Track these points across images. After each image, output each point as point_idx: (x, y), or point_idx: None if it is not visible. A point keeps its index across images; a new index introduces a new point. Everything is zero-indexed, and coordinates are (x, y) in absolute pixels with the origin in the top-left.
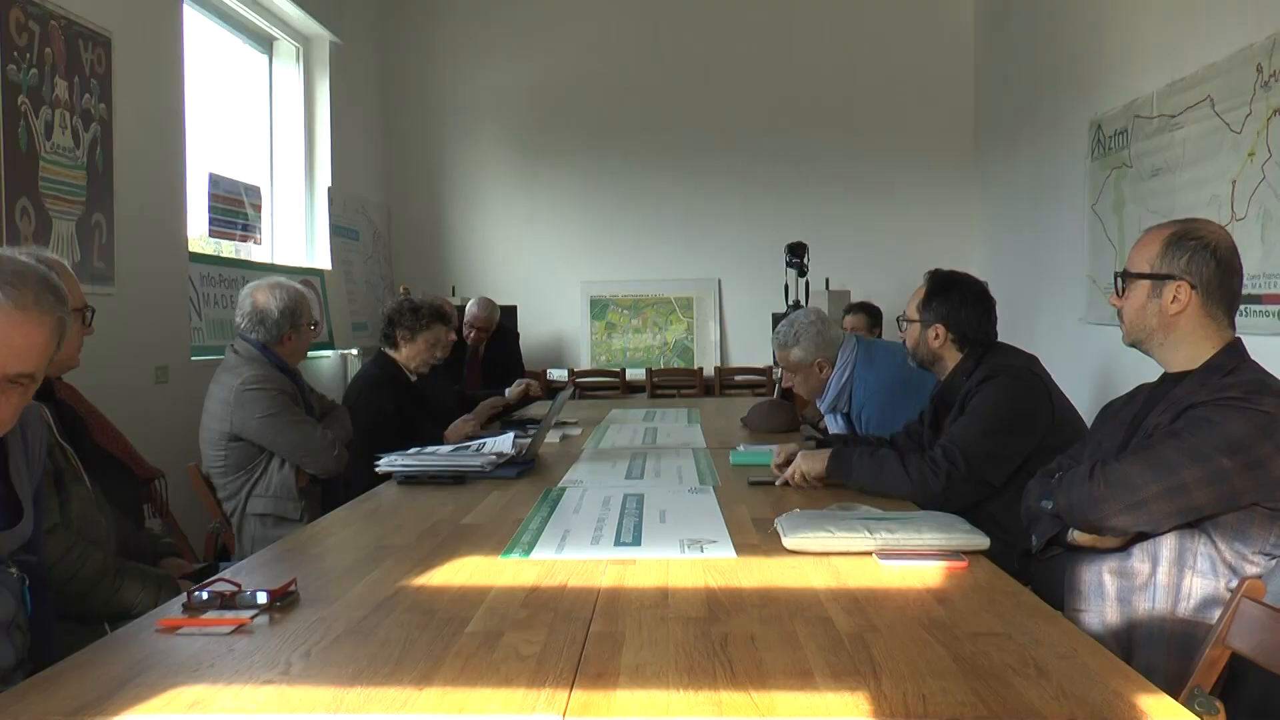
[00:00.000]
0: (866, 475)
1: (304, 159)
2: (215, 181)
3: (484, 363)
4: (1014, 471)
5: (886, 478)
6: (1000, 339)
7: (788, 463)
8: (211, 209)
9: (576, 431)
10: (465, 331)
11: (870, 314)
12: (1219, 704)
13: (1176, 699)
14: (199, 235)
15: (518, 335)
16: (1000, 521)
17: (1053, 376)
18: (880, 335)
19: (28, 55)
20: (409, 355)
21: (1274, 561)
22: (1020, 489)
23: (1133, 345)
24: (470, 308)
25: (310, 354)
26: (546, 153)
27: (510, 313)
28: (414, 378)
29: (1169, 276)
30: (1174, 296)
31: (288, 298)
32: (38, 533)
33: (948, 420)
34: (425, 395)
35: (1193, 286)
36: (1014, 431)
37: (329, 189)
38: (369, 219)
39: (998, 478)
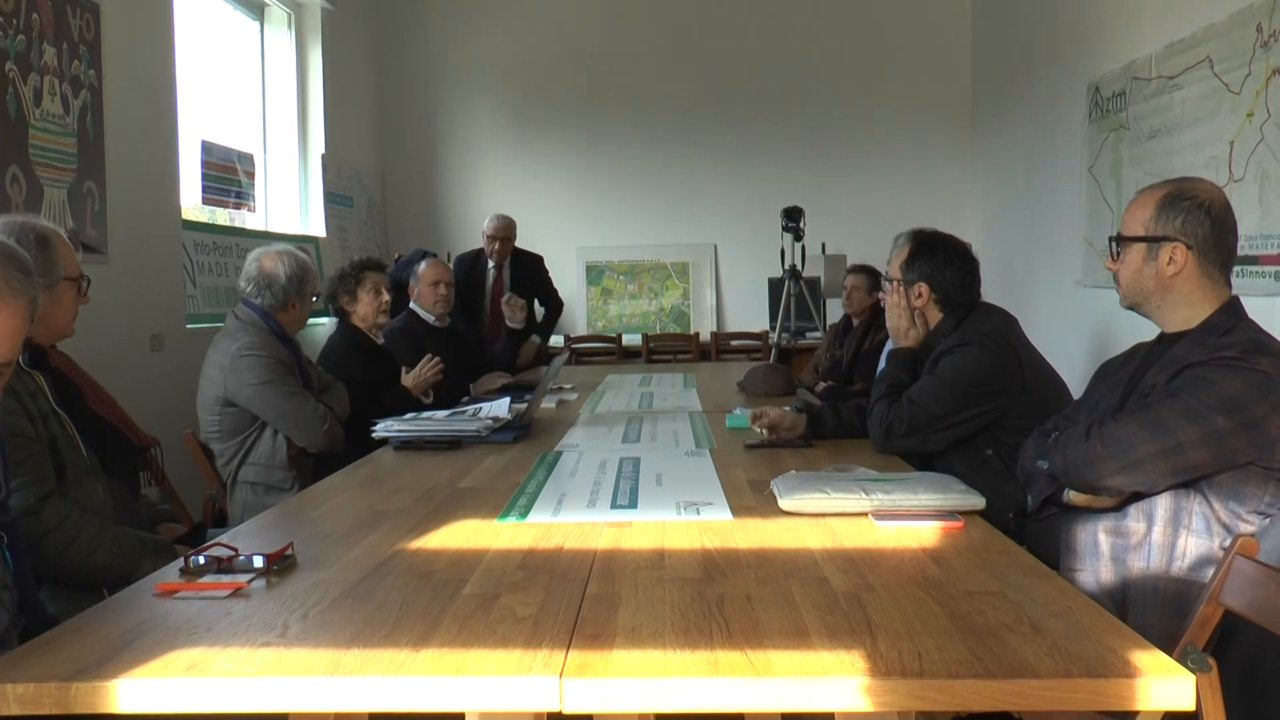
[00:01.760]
0: (837, 426)
1: (297, 126)
2: (208, 149)
3: (511, 288)
4: (967, 437)
5: (850, 423)
6: (995, 302)
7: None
8: (205, 176)
9: (573, 397)
10: (487, 246)
11: (871, 275)
12: (1211, 660)
13: (1170, 656)
14: (192, 203)
15: (542, 259)
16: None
17: (1048, 340)
18: (881, 297)
19: (14, 21)
20: (364, 314)
21: (1268, 520)
22: (974, 452)
23: (1130, 308)
24: (486, 222)
25: (312, 321)
26: (542, 118)
27: None
28: (381, 340)
29: (1164, 238)
30: (1170, 258)
31: (296, 265)
32: (7, 490)
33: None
34: (392, 356)
35: (1189, 247)
36: (967, 403)
37: (322, 156)
38: (363, 186)
39: (938, 442)
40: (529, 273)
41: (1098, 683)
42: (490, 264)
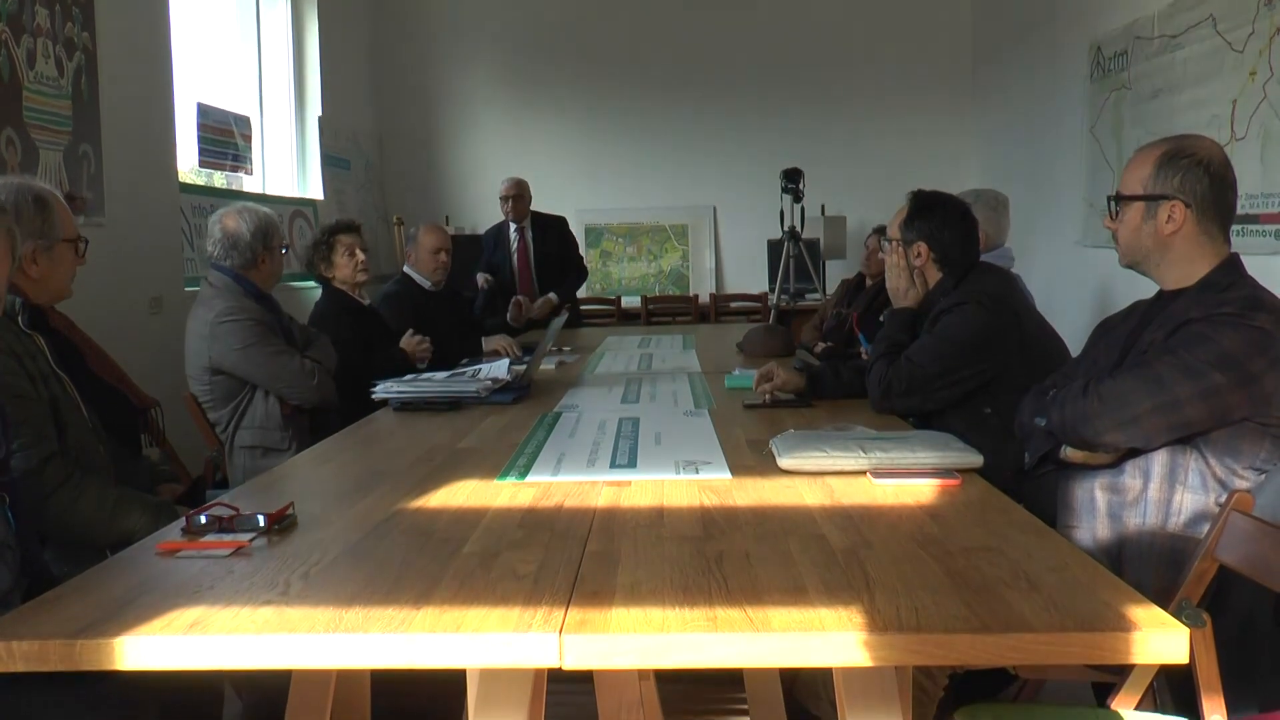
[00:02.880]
0: (836, 386)
1: (293, 88)
2: (204, 111)
3: (536, 250)
4: (965, 396)
5: (850, 383)
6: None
7: (768, 380)
8: (201, 139)
9: (572, 359)
10: (502, 208)
11: None
12: (1206, 615)
13: (1165, 611)
14: (190, 167)
15: (565, 220)
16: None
17: (1048, 300)
18: (882, 257)
19: None
20: (343, 277)
21: (1263, 476)
22: (973, 411)
23: (1129, 267)
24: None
25: (302, 284)
26: (540, 80)
27: None
28: (366, 301)
29: (1163, 197)
30: (1169, 216)
31: (257, 220)
32: (7, 449)
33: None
34: (381, 317)
35: (1187, 205)
36: (966, 361)
37: (319, 118)
38: (360, 149)
39: (937, 401)
40: (551, 234)
41: (1093, 636)
42: (512, 228)
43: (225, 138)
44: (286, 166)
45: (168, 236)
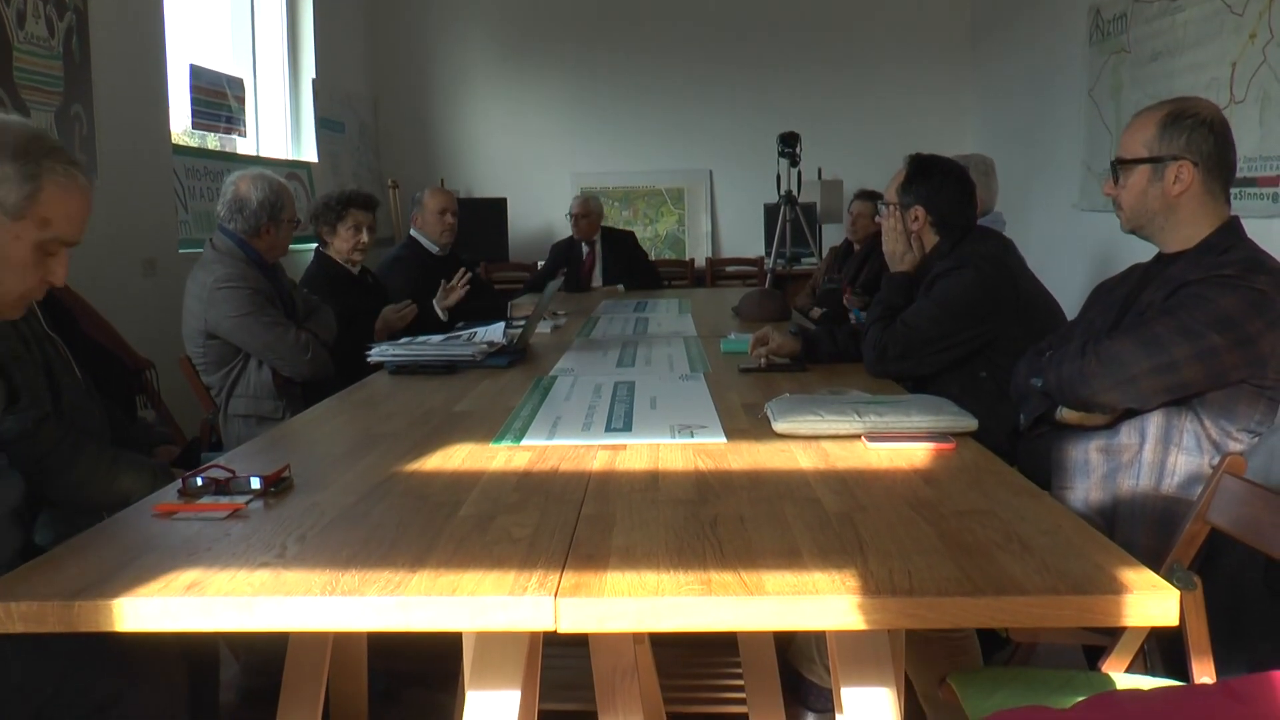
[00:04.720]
0: (831, 350)
1: (286, 50)
2: (197, 73)
3: (605, 263)
4: (961, 359)
5: (845, 347)
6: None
7: (763, 344)
8: (194, 101)
9: (567, 322)
10: (572, 225)
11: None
12: (1196, 578)
13: (1156, 573)
14: (182, 129)
15: (633, 234)
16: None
17: (1045, 264)
18: (878, 221)
19: None
20: (339, 248)
21: (1257, 439)
22: (968, 375)
23: (1132, 232)
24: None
25: (298, 247)
26: (537, 40)
27: (500, 205)
28: (356, 270)
29: (1170, 157)
30: (1176, 177)
31: (269, 189)
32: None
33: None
34: (365, 286)
35: (1195, 164)
36: (961, 325)
37: (313, 80)
38: (355, 111)
39: (931, 365)
40: (621, 248)
41: (1085, 599)
42: (583, 245)
43: (218, 99)
44: (280, 129)
45: (161, 199)
